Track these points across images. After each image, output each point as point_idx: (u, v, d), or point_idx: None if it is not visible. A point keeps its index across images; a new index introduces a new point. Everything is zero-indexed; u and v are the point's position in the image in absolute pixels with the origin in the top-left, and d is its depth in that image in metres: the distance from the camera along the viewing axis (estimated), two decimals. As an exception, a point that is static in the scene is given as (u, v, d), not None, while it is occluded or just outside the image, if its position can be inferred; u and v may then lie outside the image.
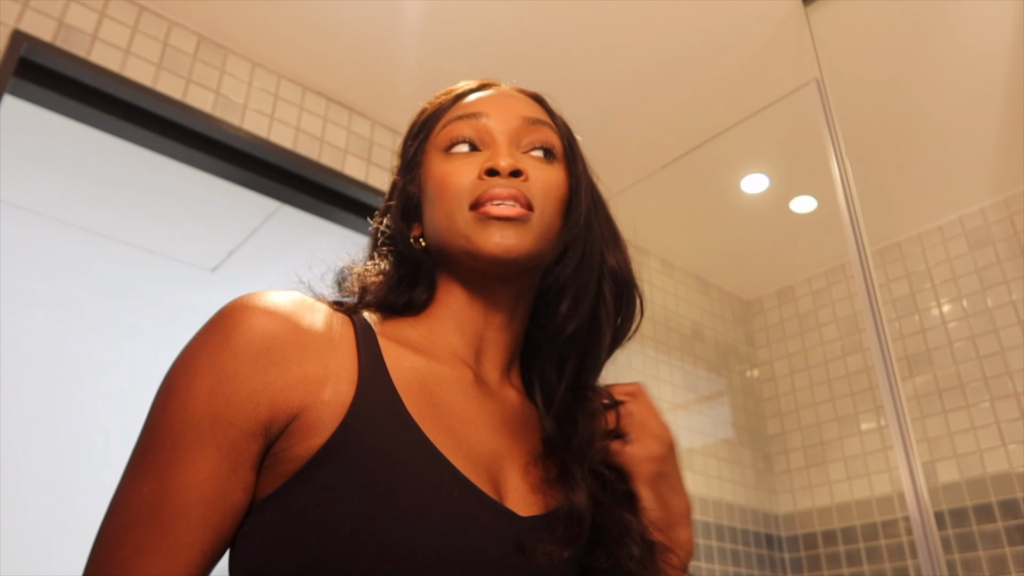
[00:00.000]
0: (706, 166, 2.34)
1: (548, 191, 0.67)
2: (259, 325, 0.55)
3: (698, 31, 1.90)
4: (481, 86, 0.75)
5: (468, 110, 0.70)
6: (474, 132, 0.69)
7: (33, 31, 1.63)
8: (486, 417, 0.64)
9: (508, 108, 0.71)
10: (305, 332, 0.57)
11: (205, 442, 0.51)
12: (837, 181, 1.75)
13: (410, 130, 0.76)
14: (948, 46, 1.94)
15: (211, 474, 0.51)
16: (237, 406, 0.52)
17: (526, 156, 0.69)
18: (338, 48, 1.95)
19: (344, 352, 0.58)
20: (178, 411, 0.52)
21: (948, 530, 2.22)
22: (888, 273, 2.61)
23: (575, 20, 1.86)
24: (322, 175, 2.02)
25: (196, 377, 0.53)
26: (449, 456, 0.57)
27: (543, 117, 0.72)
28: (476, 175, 0.66)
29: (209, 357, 0.53)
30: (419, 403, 0.59)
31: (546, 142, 0.70)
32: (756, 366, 2.92)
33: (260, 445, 0.53)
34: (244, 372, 0.53)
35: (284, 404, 0.53)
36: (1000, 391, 2.25)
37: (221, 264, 2.85)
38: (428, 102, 0.77)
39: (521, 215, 0.64)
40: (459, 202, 0.65)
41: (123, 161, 2.23)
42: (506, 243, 0.63)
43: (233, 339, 0.54)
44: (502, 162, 0.65)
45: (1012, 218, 2.38)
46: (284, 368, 0.54)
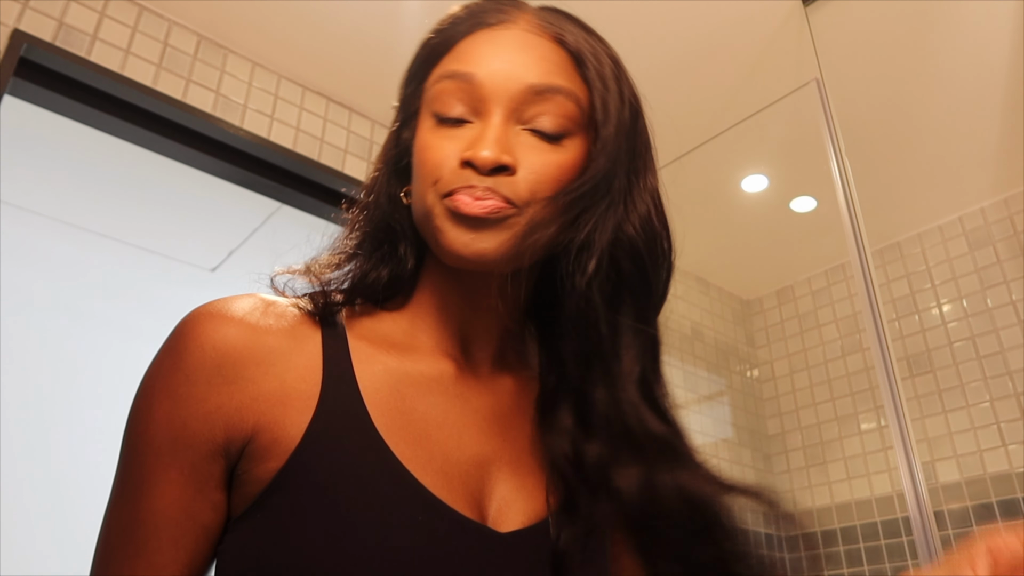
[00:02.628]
0: (706, 166, 2.34)
1: (543, 182, 0.56)
2: (210, 341, 0.52)
3: (698, 31, 1.90)
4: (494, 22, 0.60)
5: (463, 67, 0.57)
6: (466, 99, 0.57)
7: (33, 31, 1.63)
8: (471, 416, 0.59)
9: (511, 71, 0.57)
10: (261, 344, 0.53)
11: (167, 465, 0.51)
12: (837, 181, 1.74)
13: (412, 63, 0.65)
14: (948, 46, 1.94)
15: (177, 496, 0.50)
16: (193, 429, 0.51)
17: (524, 136, 0.56)
18: (338, 48, 1.95)
19: (307, 361, 0.54)
20: (140, 436, 0.52)
21: (948, 530, 2.22)
22: (888, 273, 2.61)
23: (575, 20, 1.86)
24: (322, 175, 2.02)
25: (153, 401, 0.52)
26: (418, 473, 0.52)
27: (557, 81, 0.57)
28: (456, 156, 0.55)
29: (163, 379, 0.52)
30: (388, 413, 0.54)
31: (556, 116, 0.57)
32: (756, 366, 2.91)
33: (222, 466, 0.52)
34: (198, 393, 0.51)
35: (239, 425, 0.51)
36: (1000, 391, 2.25)
37: (221, 264, 2.85)
38: (434, 28, 0.63)
39: (496, 211, 0.54)
40: (435, 188, 0.56)
41: (123, 161, 2.23)
42: (476, 246, 0.54)
43: (185, 359, 0.52)
44: (483, 152, 0.54)
45: (1012, 218, 2.38)
46: (237, 386, 0.52)
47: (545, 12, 0.63)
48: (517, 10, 0.62)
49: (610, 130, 0.59)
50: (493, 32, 0.59)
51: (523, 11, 0.62)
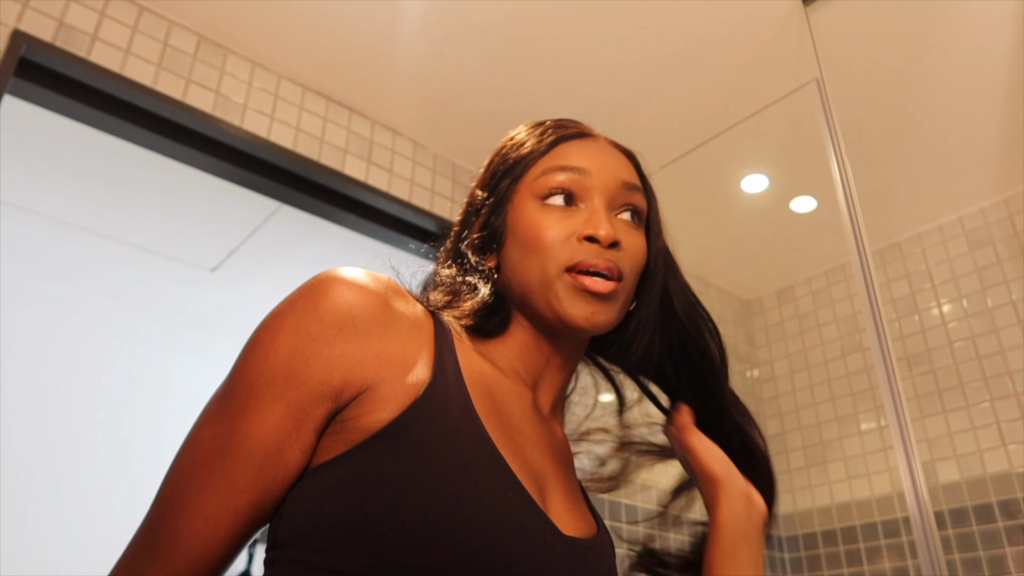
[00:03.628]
0: (706, 166, 2.34)
1: (635, 260, 0.70)
2: (349, 295, 0.57)
3: (698, 31, 1.90)
4: (579, 133, 0.75)
5: (570, 162, 0.70)
6: (574, 186, 0.69)
7: (33, 31, 1.63)
8: (538, 438, 0.66)
9: (609, 168, 0.71)
10: (391, 312, 0.59)
11: (277, 396, 0.53)
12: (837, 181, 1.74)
13: (500, 161, 0.75)
14: (948, 46, 1.94)
15: (275, 427, 0.53)
16: (314, 367, 0.54)
17: (618, 220, 0.71)
18: (338, 48, 1.95)
19: (423, 341, 0.60)
20: (258, 363, 0.54)
21: (948, 530, 2.22)
22: (888, 273, 2.61)
23: (575, 21, 1.86)
24: (322, 175, 2.02)
25: (280, 333, 0.55)
26: (507, 458, 0.58)
27: (637, 182, 0.73)
28: (573, 236, 0.67)
29: (296, 317, 0.55)
30: (485, 405, 0.61)
31: (638, 206, 0.72)
32: (756, 366, 2.91)
33: (328, 409, 0.54)
34: (326, 336, 0.54)
35: (359, 374, 0.55)
36: (1000, 391, 2.25)
37: (221, 264, 2.85)
38: (523, 135, 0.76)
39: (613, 290, 0.66)
40: (556, 261, 0.67)
41: (123, 161, 2.23)
42: (595, 319, 0.66)
43: (322, 304, 0.56)
44: (602, 231, 0.66)
45: (1012, 218, 2.38)
46: (365, 340, 0.56)
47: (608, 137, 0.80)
48: (593, 130, 0.77)
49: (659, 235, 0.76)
50: (585, 141, 0.74)
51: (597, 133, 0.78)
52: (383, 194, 2.11)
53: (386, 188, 2.12)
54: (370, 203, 2.13)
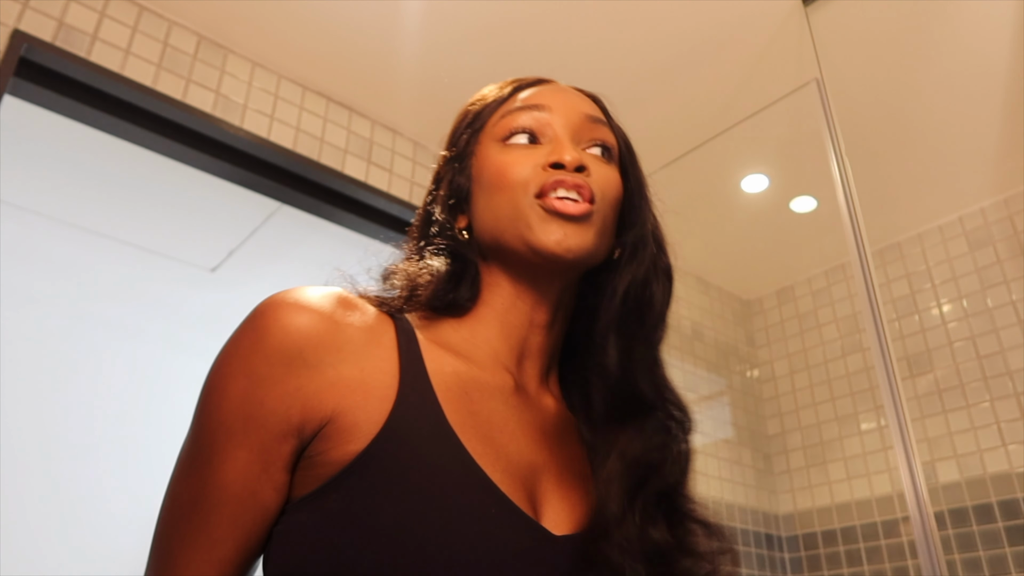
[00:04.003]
0: (706, 166, 2.34)
1: (606, 189, 0.66)
2: (293, 325, 0.55)
3: (698, 31, 1.90)
4: (538, 80, 0.73)
5: (530, 101, 0.69)
6: (535, 124, 0.68)
7: (33, 31, 1.63)
8: (525, 427, 0.63)
9: (570, 103, 0.70)
10: (342, 332, 0.56)
11: (237, 443, 0.52)
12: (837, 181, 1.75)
13: (461, 120, 0.74)
14: (948, 46, 1.94)
15: (242, 473, 0.52)
16: (269, 408, 0.52)
17: (586, 153, 0.68)
18: (338, 48, 1.95)
19: (384, 354, 0.58)
20: (213, 412, 0.53)
21: (948, 530, 2.22)
22: (888, 273, 2.61)
23: (574, 20, 1.86)
24: (322, 175, 2.02)
25: (229, 379, 0.54)
26: (487, 469, 0.56)
27: (602, 117, 0.72)
28: (540, 164, 0.65)
29: (242, 359, 0.54)
30: (459, 411, 0.58)
31: (606, 141, 0.70)
32: (756, 366, 2.91)
33: (292, 447, 0.53)
34: (276, 374, 0.53)
35: (318, 407, 0.53)
36: (1000, 391, 2.25)
37: (221, 264, 2.85)
38: (481, 95, 0.74)
39: (585, 211, 0.63)
40: (525, 191, 0.64)
41: (123, 161, 2.23)
42: (567, 242, 0.62)
43: (266, 340, 0.54)
44: (567, 156, 0.64)
45: (1012, 218, 2.38)
46: (318, 370, 0.54)
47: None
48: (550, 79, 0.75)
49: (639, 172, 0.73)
50: (543, 85, 0.73)
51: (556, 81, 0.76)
52: (383, 194, 2.11)
53: (386, 188, 2.12)
54: (370, 203, 2.13)
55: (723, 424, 2.68)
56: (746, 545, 2.50)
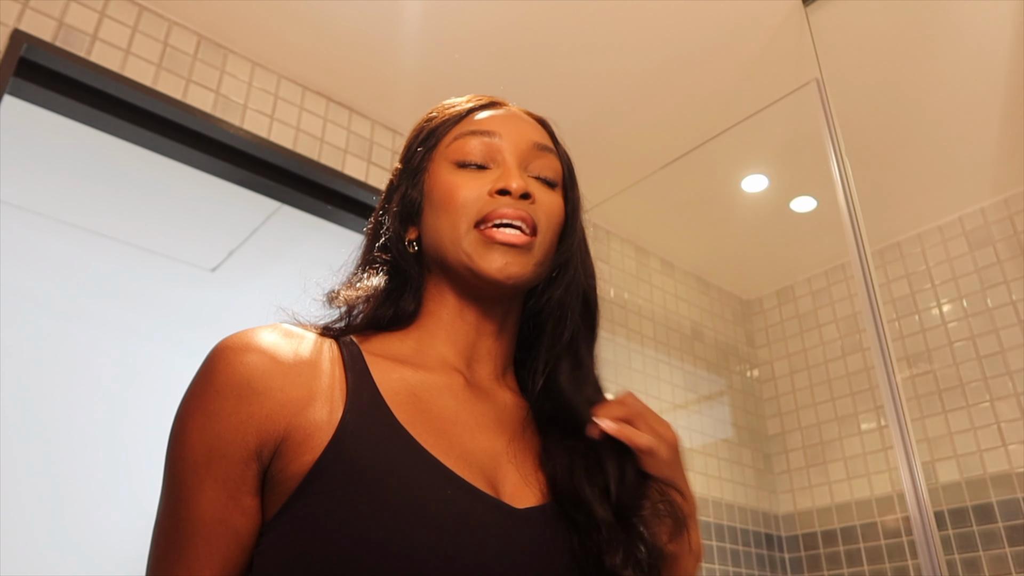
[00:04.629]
0: (706, 166, 2.34)
1: (550, 216, 0.70)
2: (239, 362, 0.59)
3: (698, 31, 1.90)
4: (491, 103, 0.76)
5: (481, 127, 0.72)
6: (485, 149, 0.71)
7: (33, 31, 1.63)
8: (479, 418, 0.66)
9: (519, 131, 0.73)
10: (286, 360, 0.60)
11: (203, 476, 0.56)
12: (837, 181, 1.75)
13: (416, 135, 0.77)
14: (948, 46, 1.94)
15: (211, 503, 0.56)
16: (226, 439, 0.56)
17: (531, 181, 0.71)
18: (338, 48, 1.95)
19: (331, 373, 0.61)
20: (180, 453, 0.58)
21: (948, 530, 2.22)
22: (888, 273, 2.61)
23: (575, 20, 1.86)
24: (322, 175, 2.02)
25: (188, 420, 0.58)
26: (440, 456, 0.59)
27: (550, 144, 0.75)
28: (485, 192, 0.68)
29: (198, 400, 0.58)
30: (408, 410, 0.61)
31: (552, 169, 0.73)
32: (756, 366, 2.92)
33: (255, 471, 0.57)
34: (229, 407, 0.57)
35: (271, 429, 0.57)
36: (1000, 391, 2.25)
37: (221, 264, 2.85)
38: (435, 110, 0.78)
39: (526, 243, 0.67)
40: (466, 216, 0.67)
41: (123, 161, 2.23)
42: (508, 270, 0.66)
43: (216, 379, 0.58)
44: (513, 183, 0.67)
45: (1012, 218, 2.38)
46: (267, 396, 0.58)
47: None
48: (505, 101, 0.79)
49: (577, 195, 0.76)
50: (496, 109, 0.76)
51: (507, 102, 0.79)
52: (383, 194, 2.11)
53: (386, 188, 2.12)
54: (370, 203, 2.13)
55: (723, 424, 2.69)
56: (746, 545, 2.50)
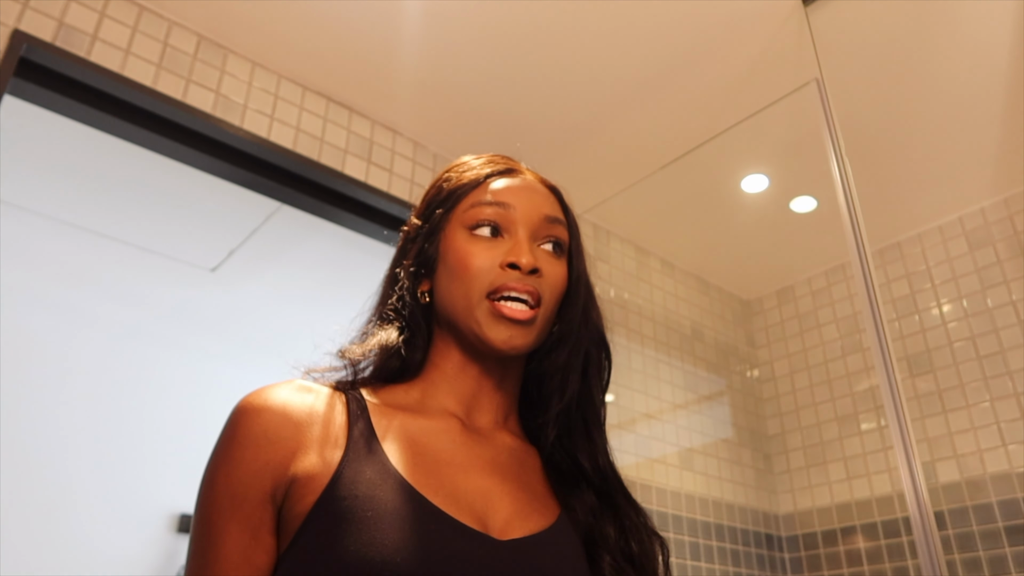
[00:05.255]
0: (706, 166, 2.34)
1: (555, 287, 0.77)
2: (259, 418, 0.66)
3: (698, 31, 1.90)
4: (508, 170, 0.82)
5: (497, 198, 0.78)
6: (500, 219, 0.77)
7: (33, 31, 1.63)
8: (473, 460, 0.72)
9: (532, 203, 0.78)
10: (298, 414, 0.68)
11: (228, 519, 0.63)
12: (837, 181, 1.75)
13: (435, 193, 0.83)
14: (948, 46, 1.94)
15: (236, 544, 0.63)
16: (247, 483, 0.64)
17: (540, 250, 0.77)
18: (338, 48, 1.95)
19: (336, 419, 0.69)
20: (207, 498, 0.65)
21: (948, 530, 2.22)
22: (888, 273, 2.61)
23: (574, 20, 1.86)
24: (322, 175, 2.02)
25: (216, 471, 0.65)
26: (428, 494, 0.65)
27: (559, 215, 0.80)
28: (497, 263, 0.74)
29: (224, 452, 0.66)
30: (402, 454, 0.68)
31: (559, 238, 0.79)
32: (756, 366, 2.92)
33: (271, 511, 0.64)
34: (249, 456, 0.65)
35: (283, 474, 0.64)
36: (1000, 391, 2.25)
37: (221, 264, 2.85)
38: (453, 169, 0.84)
39: (529, 317, 0.73)
40: (479, 286, 0.73)
41: (123, 161, 2.23)
42: (512, 342, 0.73)
43: (238, 433, 0.66)
44: (523, 259, 0.73)
45: (1012, 218, 2.38)
46: (280, 445, 0.65)
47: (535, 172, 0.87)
48: (520, 166, 0.85)
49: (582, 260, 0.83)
50: (512, 178, 0.81)
51: (525, 169, 0.85)
52: (383, 194, 2.11)
53: (386, 188, 2.13)
54: (370, 203, 2.13)
55: (723, 424, 2.69)
56: (746, 545, 2.50)
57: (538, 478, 0.77)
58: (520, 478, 0.74)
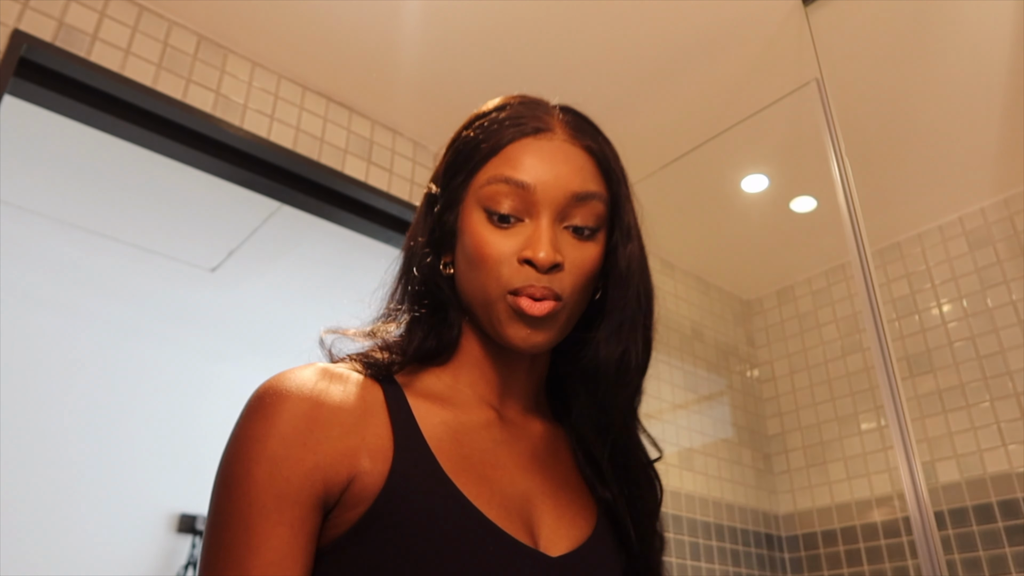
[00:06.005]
0: (706, 166, 2.34)
1: (581, 275, 0.69)
2: (297, 408, 0.60)
3: (698, 31, 1.90)
4: (536, 130, 0.71)
5: (517, 175, 0.68)
6: (519, 202, 0.68)
7: (33, 31, 1.63)
8: (515, 458, 0.70)
9: (558, 181, 0.68)
10: (339, 407, 0.62)
11: (275, 522, 0.56)
12: (837, 181, 1.74)
13: (454, 154, 0.75)
14: (948, 46, 1.94)
15: (289, 550, 0.56)
16: (297, 485, 0.57)
17: (565, 234, 0.69)
18: (338, 48, 1.95)
19: (377, 420, 0.63)
20: (242, 497, 0.57)
21: (948, 530, 2.22)
22: (888, 273, 2.61)
23: (574, 20, 1.86)
24: (322, 175, 2.02)
25: (252, 465, 0.57)
26: (483, 508, 0.62)
27: (591, 188, 0.70)
28: (515, 256, 0.67)
29: (260, 444, 0.58)
30: (452, 458, 0.64)
31: (591, 217, 0.70)
32: (756, 366, 2.91)
33: (321, 517, 0.59)
34: (296, 454, 0.58)
35: (335, 478, 0.59)
36: (1000, 391, 2.25)
37: (221, 264, 2.85)
38: (476, 122, 0.75)
39: (550, 311, 0.66)
40: (497, 283, 0.67)
41: (123, 161, 2.23)
42: (532, 340, 0.67)
43: (277, 425, 0.59)
44: (540, 254, 0.65)
45: (1012, 218, 2.38)
46: (328, 445, 0.59)
47: (572, 119, 0.74)
48: (551, 118, 0.73)
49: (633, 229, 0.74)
50: (537, 142, 0.70)
51: (556, 120, 0.73)
52: (383, 194, 2.11)
53: (386, 188, 2.13)
54: (370, 203, 2.13)
55: (723, 424, 2.68)
56: (746, 545, 2.50)
57: (571, 466, 0.75)
58: (557, 472, 0.73)
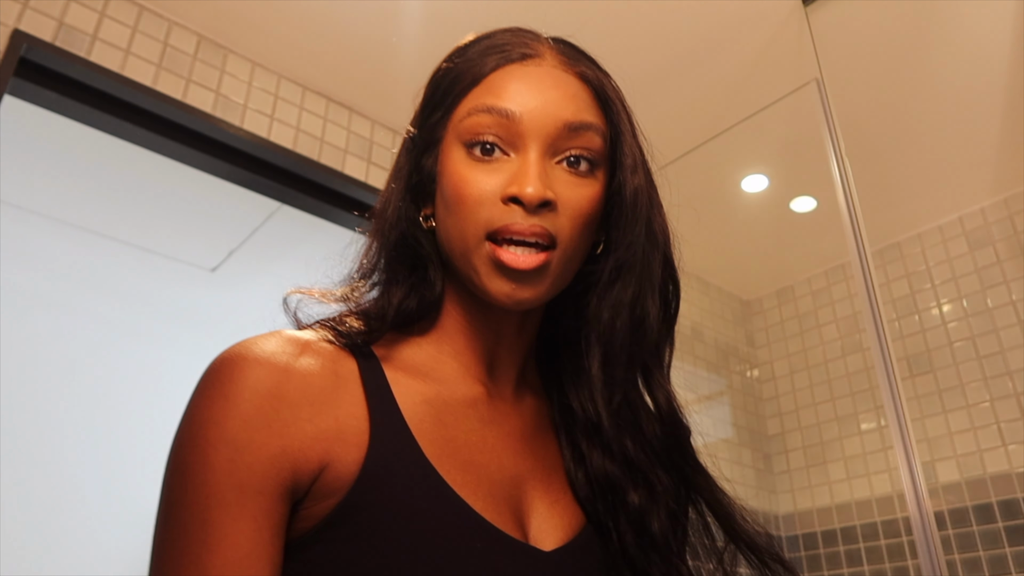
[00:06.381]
0: (706, 166, 2.34)
1: (577, 216, 0.59)
2: (259, 382, 0.51)
3: (698, 31, 1.90)
4: (522, 56, 0.63)
5: (500, 103, 0.59)
6: (503, 132, 0.59)
7: (33, 31, 1.63)
8: (504, 439, 0.62)
9: (547, 109, 0.60)
10: (308, 382, 0.53)
11: (236, 515, 0.48)
12: (837, 181, 1.74)
13: (431, 92, 0.65)
14: (948, 46, 1.94)
15: (253, 545, 0.48)
16: (260, 474, 0.49)
17: (557, 170, 0.60)
18: (338, 48, 1.95)
19: (351, 397, 0.55)
20: (199, 489, 0.49)
21: (948, 530, 2.22)
22: (888, 273, 2.61)
23: (574, 20, 1.86)
24: (322, 175, 2.02)
25: (209, 450, 0.49)
26: (469, 498, 0.55)
27: (586, 118, 0.61)
28: (498, 195, 0.58)
29: (218, 426, 0.50)
30: (435, 441, 0.56)
31: (588, 149, 0.61)
32: (756, 366, 2.91)
33: (288, 508, 0.51)
34: (259, 438, 0.50)
35: (305, 465, 0.51)
36: (1000, 391, 2.25)
37: (221, 264, 2.85)
38: (455, 55, 0.65)
39: (538, 264, 0.57)
40: (475, 225, 0.58)
41: (123, 161, 2.23)
42: (517, 296, 0.58)
43: (237, 403, 0.51)
44: (527, 189, 0.56)
45: (1012, 218, 2.38)
46: (297, 427, 0.51)
47: (563, 47, 0.68)
48: (540, 44, 0.66)
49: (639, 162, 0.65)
50: (524, 68, 0.62)
51: (546, 46, 0.66)
52: (383, 194, 2.11)
53: (386, 188, 2.12)
54: (370, 203, 2.12)
55: (723, 424, 2.68)
56: (746, 545, 2.50)
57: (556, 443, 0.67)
58: (550, 452, 0.65)
